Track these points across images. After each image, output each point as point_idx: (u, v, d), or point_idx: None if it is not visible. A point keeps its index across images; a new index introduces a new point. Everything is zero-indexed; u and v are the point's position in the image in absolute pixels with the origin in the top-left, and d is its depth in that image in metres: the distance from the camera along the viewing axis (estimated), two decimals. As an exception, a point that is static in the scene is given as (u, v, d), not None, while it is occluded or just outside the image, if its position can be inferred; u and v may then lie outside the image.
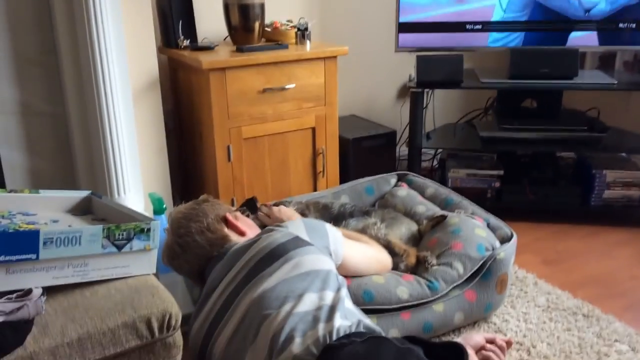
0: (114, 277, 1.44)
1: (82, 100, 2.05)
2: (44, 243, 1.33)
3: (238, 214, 1.81)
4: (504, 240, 2.06)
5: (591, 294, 2.20)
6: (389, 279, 1.86)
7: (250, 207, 1.98)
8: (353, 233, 1.94)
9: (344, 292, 1.50)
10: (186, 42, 2.51)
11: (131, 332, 1.33)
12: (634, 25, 2.69)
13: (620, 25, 2.70)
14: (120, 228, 1.42)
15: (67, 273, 1.38)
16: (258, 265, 1.53)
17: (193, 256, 1.68)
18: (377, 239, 1.97)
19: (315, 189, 2.64)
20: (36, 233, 1.32)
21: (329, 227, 1.72)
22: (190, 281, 1.86)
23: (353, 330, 1.36)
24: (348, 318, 1.40)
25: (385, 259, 1.90)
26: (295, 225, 1.65)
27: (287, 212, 1.98)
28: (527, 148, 2.95)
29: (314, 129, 2.58)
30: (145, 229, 1.46)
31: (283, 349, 1.34)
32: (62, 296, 1.37)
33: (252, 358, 1.39)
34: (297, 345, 1.33)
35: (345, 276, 1.71)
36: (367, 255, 1.84)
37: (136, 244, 1.45)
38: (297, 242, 1.57)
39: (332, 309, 1.41)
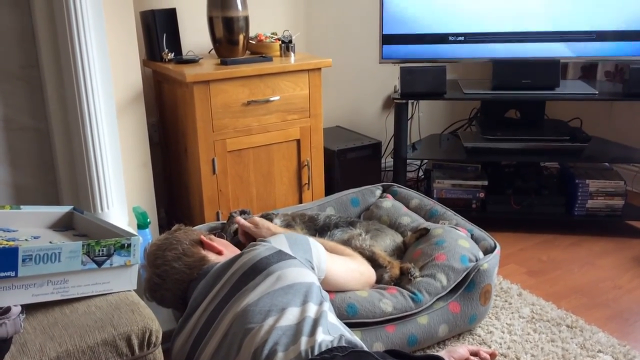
0: (94, 293, 1.43)
1: (65, 115, 2.04)
2: (23, 260, 1.31)
3: (212, 235, 1.82)
4: (488, 251, 2.07)
5: (575, 305, 2.21)
6: (373, 293, 1.86)
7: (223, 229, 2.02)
8: (338, 245, 1.93)
9: (327, 306, 1.50)
10: (171, 55, 2.51)
11: (111, 350, 1.32)
12: (614, 36, 2.73)
13: (601, 36, 2.73)
14: (100, 244, 1.41)
15: (46, 290, 1.37)
16: (241, 279, 1.53)
17: (173, 283, 1.66)
18: (362, 250, 1.98)
19: (300, 201, 2.64)
20: (15, 250, 1.31)
21: (312, 241, 1.72)
22: (176, 311, 1.84)
23: (335, 344, 1.36)
24: (331, 333, 1.40)
25: (369, 272, 1.90)
26: (278, 239, 1.66)
27: (268, 225, 1.95)
28: (511, 158, 2.97)
29: (298, 141, 2.59)
30: (126, 245, 1.45)
31: (266, 364, 1.34)
32: (41, 314, 1.36)
33: (234, 373, 1.38)
34: (280, 360, 1.33)
35: (329, 291, 1.71)
36: (350, 268, 1.83)
37: (116, 259, 1.44)
38: (280, 256, 1.57)
39: (315, 323, 1.41)
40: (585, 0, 2.70)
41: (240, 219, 1.95)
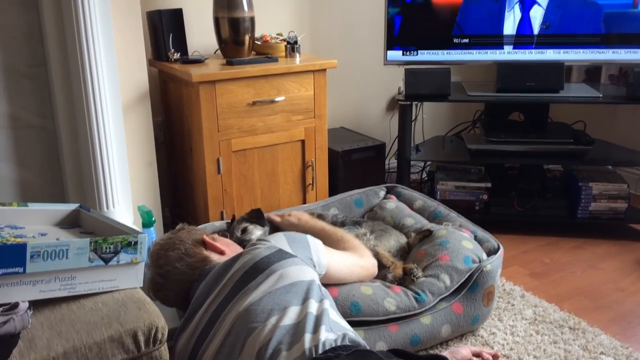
0: (101, 290, 1.44)
1: (72, 113, 2.05)
2: (31, 256, 1.33)
3: (215, 235, 1.83)
4: (491, 252, 2.08)
5: (578, 307, 2.21)
6: (377, 290, 1.87)
7: (257, 218, 2.07)
8: (338, 231, 1.96)
9: (328, 303, 1.51)
10: (177, 55, 2.53)
11: (117, 346, 1.33)
12: (619, 39, 2.73)
13: (605, 39, 2.74)
14: (108, 241, 1.42)
15: (54, 287, 1.38)
16: (243, 279, 1.54)
17: (175, 283, 1.67)
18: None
19: (304, 202, 2.65)
20: (23, 246, 1.32)
21: (310, 238, 1.74)
22: (179, 310, 1.85)
23: (339, 343, 1.37)
24: (334, 330, 1.41)
25: (369, 264, 1.90)
26: (277, 238, 1.68)
27: (300, 215, 2.10)
28: (515, 160, 2.98)
29: (303, 142, 2.60)
30: (133, 242, 1.46)
31: (270, 363, 1.34)
32: (48, 310, 1.37)
33: (238, 372, 1.39)
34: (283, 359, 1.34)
35: (327, 285, 1.73)
36: (350, 262, 1.84)
37: (123, 257, 1.45)
38: (280, 255, 1.58)
39: (318, 320, 1.42)
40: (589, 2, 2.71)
41: (273, 216, 2.11)
